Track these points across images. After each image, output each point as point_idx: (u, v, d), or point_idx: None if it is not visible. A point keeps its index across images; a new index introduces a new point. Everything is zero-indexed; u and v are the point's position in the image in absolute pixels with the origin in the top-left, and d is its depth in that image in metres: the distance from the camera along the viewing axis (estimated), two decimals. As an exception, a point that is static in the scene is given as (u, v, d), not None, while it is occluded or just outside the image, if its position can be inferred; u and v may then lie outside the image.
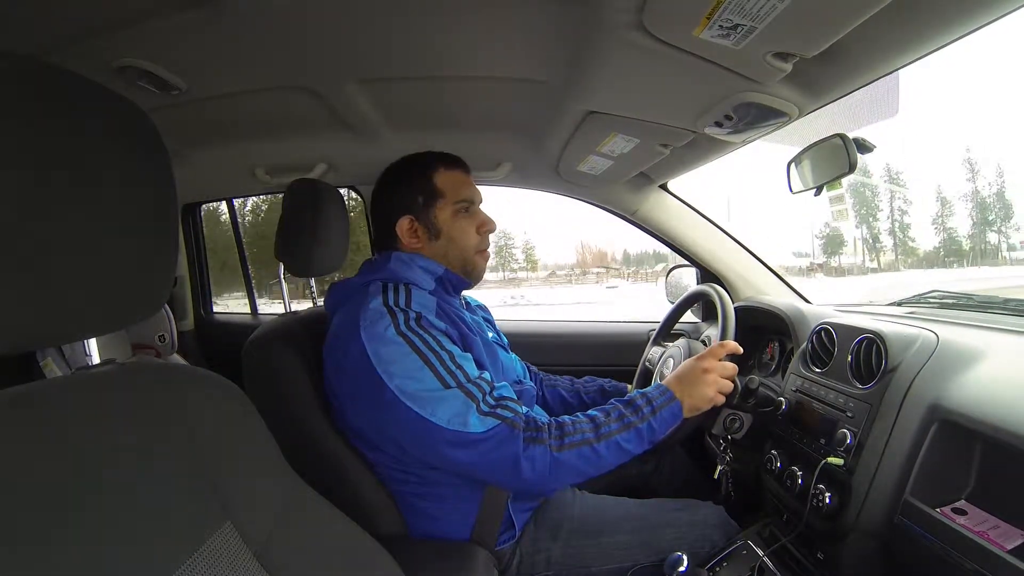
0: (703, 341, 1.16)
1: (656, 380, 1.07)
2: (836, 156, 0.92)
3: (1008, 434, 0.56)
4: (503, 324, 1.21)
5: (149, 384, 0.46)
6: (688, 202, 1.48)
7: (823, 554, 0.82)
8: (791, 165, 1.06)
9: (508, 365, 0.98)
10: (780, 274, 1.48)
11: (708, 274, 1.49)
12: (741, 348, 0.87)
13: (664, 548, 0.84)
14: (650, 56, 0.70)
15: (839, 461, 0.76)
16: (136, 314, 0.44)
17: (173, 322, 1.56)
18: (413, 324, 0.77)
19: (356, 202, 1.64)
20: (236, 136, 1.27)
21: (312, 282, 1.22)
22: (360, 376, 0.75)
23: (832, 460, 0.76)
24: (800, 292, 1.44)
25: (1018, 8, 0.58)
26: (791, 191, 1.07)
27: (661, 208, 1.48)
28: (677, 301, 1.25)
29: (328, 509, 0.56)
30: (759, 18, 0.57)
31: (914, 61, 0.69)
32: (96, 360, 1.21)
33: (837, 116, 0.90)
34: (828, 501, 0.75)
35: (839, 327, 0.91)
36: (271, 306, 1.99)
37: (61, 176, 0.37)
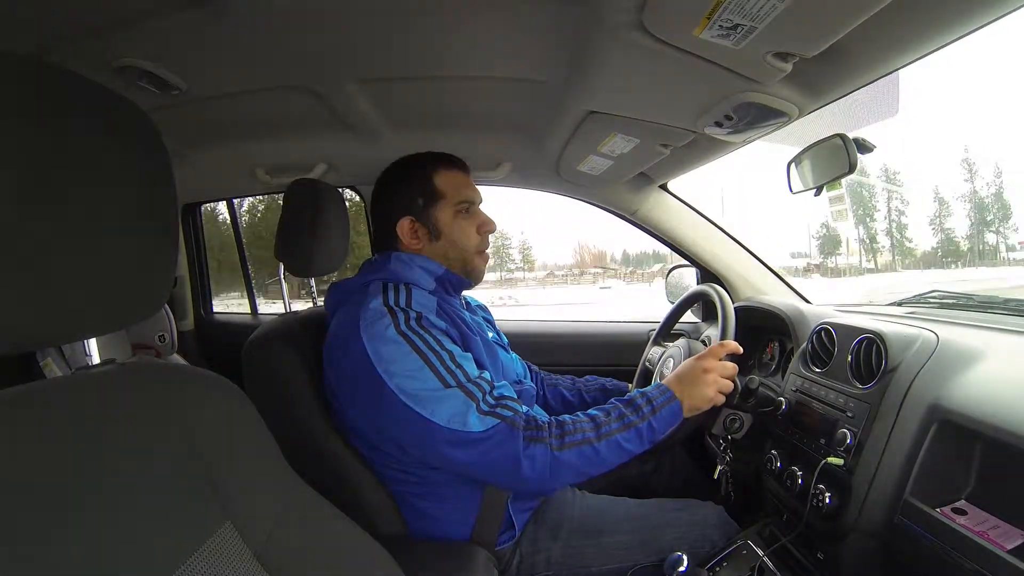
0: (703, 341, 1.16)
1: (656, 380, 1.07)
2: (836, 156, 0.92)
3: (1008, 434, 0.56)
4: (503, 324, 1.21)
5: (149, 384, 0.46)
6: (688, 202, 1.48)
7: (823, 554, 0.82)
8: (791, 165, 1.06)
9: (508, 365, 0.98)
10: (780, 274, 1.48)
11: (708, 274, 1.49)
12: (741, 348, 0.87)
13: (664, 548, 0.84)
14: (650, 56, 0.70)
15: (839, 461, 0.76)
16: (136, 314, 0.44)
17: (173, 322, 1.56)
18: (413, 324, 0.77)
19: (351, 202, 1.64)
20: (236, 136, 1.27)
21: (312, 282, 1.23)
22: (360, 375, 0.75)
23: (832, 460, 0.76)
24: (800, 292, 1.44)
25: (1018, 8, 0.58)
26: (791, 191, 1.07)
27: (661, 208, 1.48)
28: (677, 301, 1.25)
29: (328, 509, 0.56)
30: (759, 18, 0.57)
31: (914, 61, 0.69)
32: (96, 360, 1.20)
33: (837, 116, 0.90)
34: (828, 501, 0.75)
35: (839, 327, 0.91)
36: (267, 306, 1.98)
37: (61, 176, 0.37)
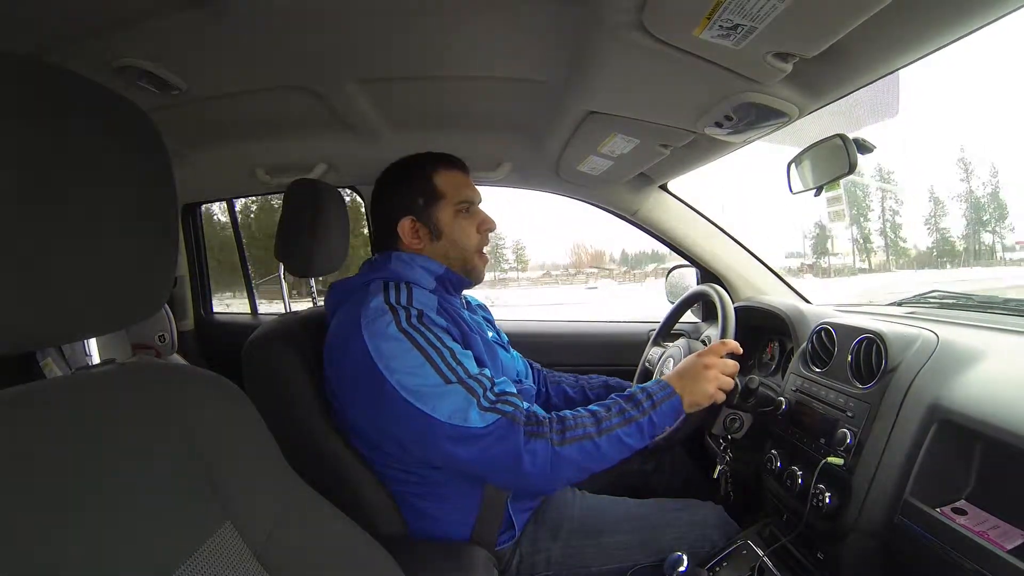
0: (703, 341, 1.16)
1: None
2: (836, 157, 0.92)
3: (1008, 434, 0.56)
4: (504, 324, 1.21)
5: (149, 384, 0.46)
6: (688, 202, 1.48)
7: (823, 554, 0.82)
8: (791, 165, 1.06)
9: (508, 364, 0.98)
10: (780, 274, 1.48)
11: (708, 274, 1.49)
12: (741, 348, 0.87)
13: (664, 548, 0.84)
14: (650, 56, 0.70)
15: (839, 461, 0.76)
16: (136, 314, 0.44)
17: (173, 322, 1.56)
18: (415, 321, 0.77)
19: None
20: (236, 136, 1.27)
21: (312, 282, 1.23)
22: (361, 373, 0.75)
23: (832, 460, 0.76)
24: (800, 292, 1.44)
25: (1018, 8, 0.58)
26: (791, 191, 1.07)
27: (661, 208, 1.48)
28: (677, 301, 1.25)
29: (328, 509, 0.56)
30: (759, 18, 0.57)
31: (914, 61, 0.69)
32: (96, 360, 1.20)
33: (837, 116, 0.90)
34: (828, 501, 0.75)
35: (839, 327, 0.91)
36: (264, 306, 1.98)
37: (61, 176, 0.37)
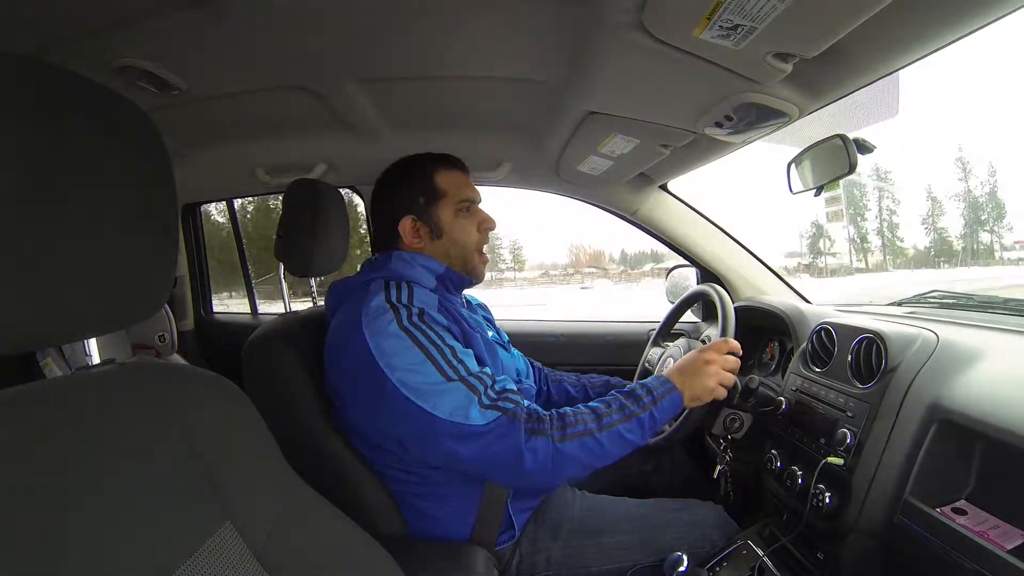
0: (703, 341, 1.16)
1: None
2: (836, 157, 0.92)
3: (1008, 434, 0.56)
4: (504, 324, 1.21)
5: (149, 384, 0.46)
6: (688, 202, 1.48)
7: (823, 554, 0.82)
8: (791, 165, 1.06)
9: (508, 364, 0.98)
10: (780, 274, 1.48)
11: (708, 274, 1.49)
12: (740, 348, 0.87)
13: (664, 548, 0.84)
14: (650, 56, 0.70)
15: (839, 461, 0.76)
16: (136, 314, 0.44)
17: (173, 322, 1.56)
18: (416, 319, 0.77)
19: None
20: (236, 136, 1.27)
21: (313, 282, 1.23)
22: (362, 371, 0.75)
23: (832, 460, 0.76)
24: (800, 292, 1.44)
25: (1018, 8, 0.58)
26: (791, 191, 1.07)
27: (661, 208, 1.48)
28: (677, 301, 1.25)
29: (328, 509, 0.56)
30: (759, 19, 0.57)
31: (914, 61, 0.69)
32: (96, 360, 1.20)
33: (837, 116, 0.90)
34: (828, 501, 0.75)
35: (839, 327, 0.91)
36: (262, 306, 1.97)
37: (61, 176, 0.37)
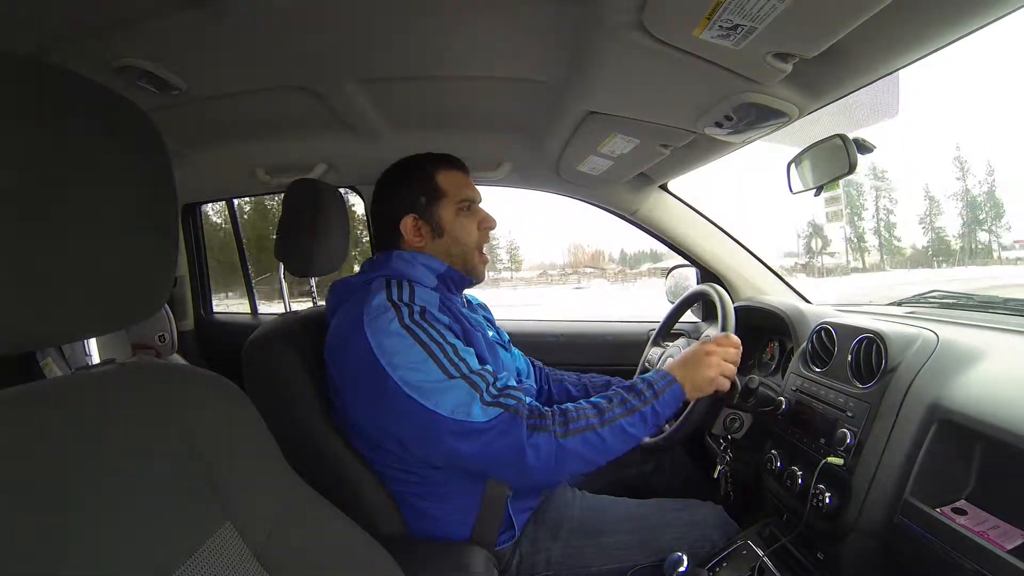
0: (703, 341, 1.15)
1: None
2: (836, 157, 0.92)
3: (1008, 434, 0.56)
4: (504, 324, 1.21)
5: (149, 384, 0.46)
6: (688, 202, 1.48)
7: (823, 554, 0.82)
8: (791, 165, 1.06)
9: (508, 364, 0.98)
10: (780, 274, 1.48)
11: (708, 274, 1.49)
12: (740, 344, 0.87)
13: (664, 548, 0.84)
14: (650, 56, 0.70)
15: (839, 461, 0.76)
16: (136, 314, 0.44)
17: (173, 322, 1.56)
18: (417, 317, 0.77)
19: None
20: (236, 136, 1.27)
21: (313, 282, 1.23)
22: (363, 370, 0.75)
23: (832, 460, 0.76)
24: (800, 292, 1.44)
25: (1018, 8, 0.58)
26: (791, 191, 1.07)
27: (661, 208, 1.48)
28: (677, 301, 1.25)
29: (328, 509, 0.56)
30: (759, 19, 0.57)
31: (914, 61, 0.69)
32: (96, 360, 1.20)
33: (837, 116, 0.90)
34: (828, 501, 0.75)
35: (839, 327, 0.91)
36: (262, 306, 1.97)
37: (61, 176, 0.37)
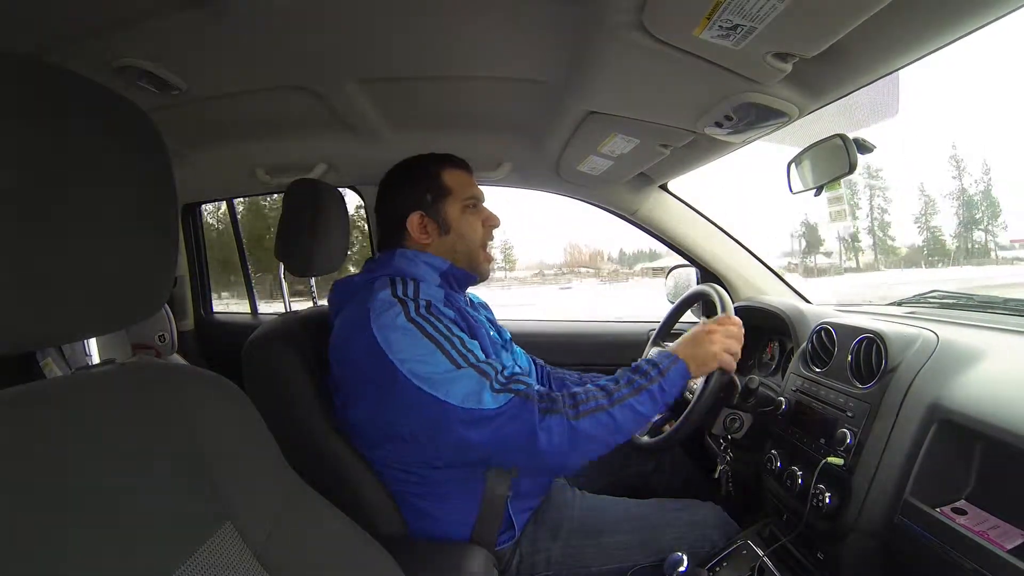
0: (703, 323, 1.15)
1: None
2: (836, 156, 0.92)
3: (1008, 434, 0.56)
4: (504, 324, 1.21)
5: (149, 384, 0.46)
6: (688, 202, 1.48)
7: (823, 554, 0.82)
8: (791, 165, 1.06)
9: (508, 365, 0.98)
10: (780, 274, 1.48)
11: (708, 274, 1.49)
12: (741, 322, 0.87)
13: (664, 548, 0.84)
14: (650, 56, 0.70)
15: (839, 461, 0.76)
16: (136, 314, 0.44)
17: (173, 322, 1.55)
18: (423, 311, 0.78)
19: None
20: (236, 136, 1.27)
21: (313, 282, 1.23)
22: (370, 366, 0.75)
23: (832, 460, 0.76)
24: (800, 292, 1.44)
25: (1018, 8, 0.58)
26: (791, 191, 1.07)
27: (661, 208, 1.48)
28: (677, 301, 1.25)
29: (328, 509, 0.56)
30: (759, 18, 0.57)
31: (914, 61, 0.69)
32: (96, 360, 1.20)
33: (837, 116, 0.90)
34: (828, 501, 0.75)
35: (839, 327, 0.91)
36: (262, 306, 1.97)
37: (61, 176, 0.37)
